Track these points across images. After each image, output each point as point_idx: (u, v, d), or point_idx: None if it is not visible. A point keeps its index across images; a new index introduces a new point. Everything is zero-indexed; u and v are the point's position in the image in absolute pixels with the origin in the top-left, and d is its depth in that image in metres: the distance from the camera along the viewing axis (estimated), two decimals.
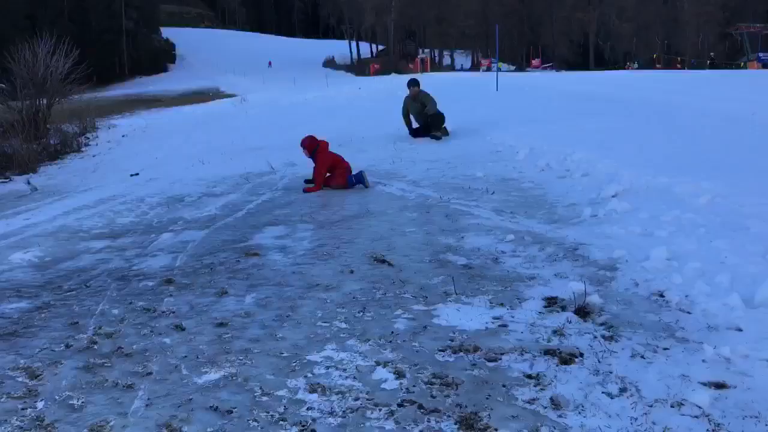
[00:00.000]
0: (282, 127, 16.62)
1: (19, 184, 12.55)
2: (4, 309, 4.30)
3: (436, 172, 8.44)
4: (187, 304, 4.15)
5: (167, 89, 49.05)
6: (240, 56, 72.84)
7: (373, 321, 3.62)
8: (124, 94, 46.71)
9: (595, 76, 33.32)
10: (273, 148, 12.96)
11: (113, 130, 20.50)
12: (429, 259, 4.71)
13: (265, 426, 2.59)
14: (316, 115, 18.11)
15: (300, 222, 6.35)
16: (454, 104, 17.17)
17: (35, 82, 18.35)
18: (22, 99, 18.16)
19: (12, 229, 7.30)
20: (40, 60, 18.54)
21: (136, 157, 14.36)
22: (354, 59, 76.55)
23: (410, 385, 2.84)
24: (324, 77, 46.37)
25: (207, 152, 13.44)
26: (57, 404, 2.92)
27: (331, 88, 29.64)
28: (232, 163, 11.61)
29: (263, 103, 26.40)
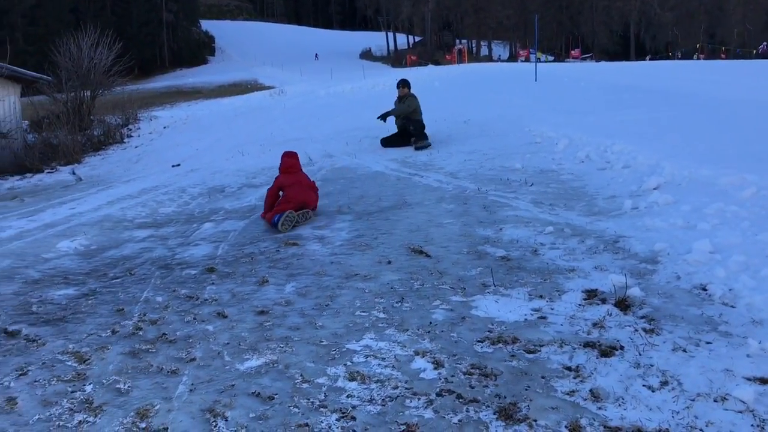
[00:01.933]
0: (319, 119, 16.69)
1: (65, 175, 12.88)
2: (53, 295, 4.44)
3: (474, 163, 8.40)
4: (229, 293, 4.23)
5: (206, 81, 49.64)
6: (278, 48, 73.34)
7: (411, 311, 3.64)
8: (165, 86, 47.42)
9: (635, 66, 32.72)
10: (310, 140, 13.04)
11: (155, 121, 20.81)
12: (467, 250, 4.70)
13: (305, 412, 2.63)
14: (352, 106, 18.12)
15: (338, 213, 6.39)
16: (492, 95, 17.07)
17: (79, 74, 18.70)
18: (67, 91, 18.54)
19: (59, 218, 7.51)
20: (84, 53, 18.89)
21: (177, 148, 14.58)
22: (391, 50, 76.42)
23: (449, 375, 2.86)
24: (361, 69, 46.36)
25: (246, 143, 13.58)
26: (104, 388, 3.01)
27: (368, 79, 29.61)
28: (270, 155, 11.70)
29: (301, 94, 26.52)
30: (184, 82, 51.56)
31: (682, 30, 69.74)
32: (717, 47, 62.59)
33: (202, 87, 45.23)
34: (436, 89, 20.34)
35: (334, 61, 60.58)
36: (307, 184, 6.42)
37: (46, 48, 21.26)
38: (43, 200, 9.37)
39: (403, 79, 11.43)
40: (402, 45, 78.72)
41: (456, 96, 17.59)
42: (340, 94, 23.57)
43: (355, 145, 11.18)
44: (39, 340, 3.64)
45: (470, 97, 16.85)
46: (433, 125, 12.20)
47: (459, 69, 33.16)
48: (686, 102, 12.16)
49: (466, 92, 18.46)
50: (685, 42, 67.21)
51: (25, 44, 47.41)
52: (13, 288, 4.68)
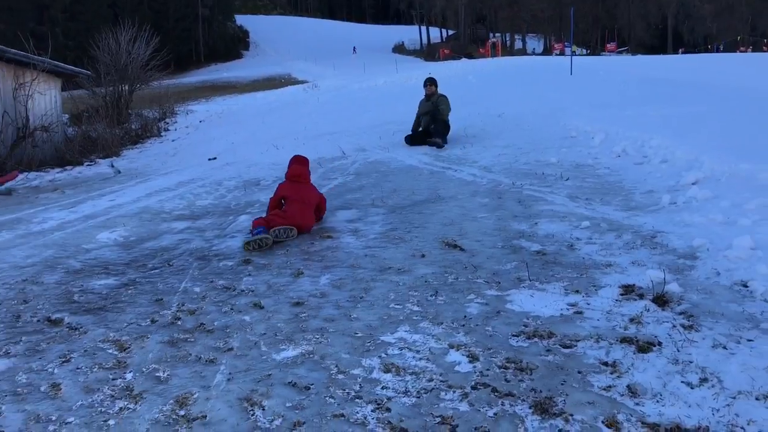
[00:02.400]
0: (353, 113, 16.73)
1: (104, 167, 13.12)
2: (94, 285, 4.54)
3: (508, 157, 8.35)
4: (265, 284, 4.28)
5: (241, 76, 50.06)
6: (311, 43, 73.65)
7: (445, 305, 3.64)
8: (201, 81, 47.97)
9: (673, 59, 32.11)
10: (344, 134, 13.09)
11: (191, 115, 21.09)
12: (501, 244, 4.69)
13: (341, 403, 2.66)
14: (385, 100, 18.12)
15: (371, 206, 6.41)
16: (526, 88, 16.92)
17: (118, 68, 19.03)
18: (105, 85, 18.88)
19: (98, 209, 7.66)
20: (122, 47, 19.21)
21: (213, 142, 14.75)
22: (424, 44, 76.14)
23: (484, 369, 2.86)
24: (394, 63, 46.30)
25: (280, 137, 13.68)
26: (144, 376, 3.08)
27: (401, 73, 29.56)
28: (304, 148, 11.75)
29: (334, 89, 26.60)
30: (218, 76, 52.07)
31: (721, 22, 68.17)
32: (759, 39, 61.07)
33: (236, 82, 45.64)
34: (470, 83, 20.22)
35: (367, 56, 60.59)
36: (310, 202, 5.66)
37: (85, 43, 21.65)
38: (84, 192, 9.57)
39: (430, 77, 11.21)
40: (435, 39, 78.39)
41: (490, 90, 17.48)
42: (373, 88, 23.58)
43: (388, 139, 11.19)
44: (81, 329, 3.73)
45: (504, 91, 16.73)
46: (466, 119, 12.15)
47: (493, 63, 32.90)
48: (726, 95, 11.90)
49: (500, 86, 18.32)
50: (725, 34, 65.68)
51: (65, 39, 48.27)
52: (55, 278, 4.80)
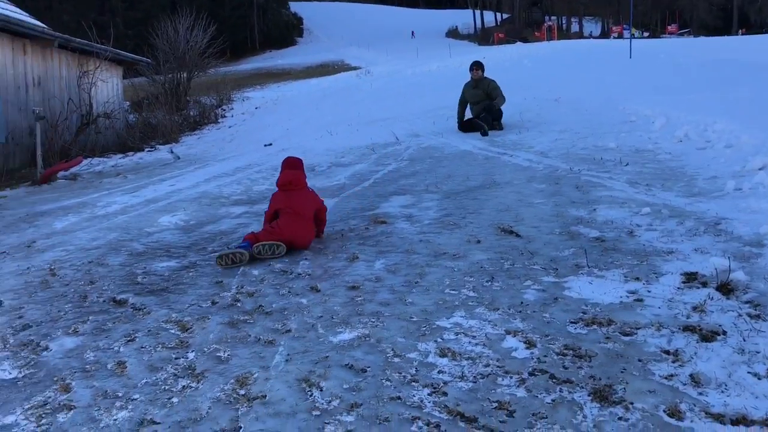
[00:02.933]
0: (406, 98, 16.72)
1: (163, 153, 13.46)
2: (156, 267, 4.68)
3: (565, 142, 8.21)
4: (321, 268, 4.33)
5: (295, 62, 50.50)
6: (364, 28, 73.65)
7: (501, 291, 3.62)
8: (256, 68, 48.58)
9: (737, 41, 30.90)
10: (397, 119, 13.10)
11: (247, 102, 21.43)
12: (559, 230, 4.62)
13: (397, 386, 2.68)
14: (438, 85, 18.03)
15: (425, 192, 6.40)
16: (583, 72, 16.57)
17: (176, 56, 19.46)
18: (164, 73, 19.33)
19: (159, 194, 7.88)
20: (180, 35, 19.62)
21: (269, 128, 14.96)
22: (477, 29, 75.22)
23: (541, 355, 2.83)
24: (447, 47, 45.95)
25: (334, 123, 13.78)
26: (206, 355, 3.16)
27: (454, 58, 29.33)
28: (358, 134, 11.84)
29: (387, 74, 26.61)
30: (273, 63, 52.64)
31: None
32: None
33: (290, 68, 46.07)
34: (525, 67, 19.93)
35: (420, 41, 60.30)
36: (304, 213, 4.84)
37: (144, 31, 22.19)
38: (145, 177, 9.85)
39: (477, 61, 10.92)
40: (489, 23, 77.35)
41: (546, 74, 17.20)
42: (426, 74, 23.49)
43: (442, 124, 11.14)
44: (144, 309, 3.85)
45: (561, 75, 16.43)
46: (522, 104, 12.00)
47: (548, 46, 32.32)
48: None
49: (557, 70, 18.00)
50: None
51: (125, 28, 49.52)
52: (119, 260, 4.97)
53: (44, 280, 4.61)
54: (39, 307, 4.09)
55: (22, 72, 12.71)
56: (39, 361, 3.29)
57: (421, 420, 2.40)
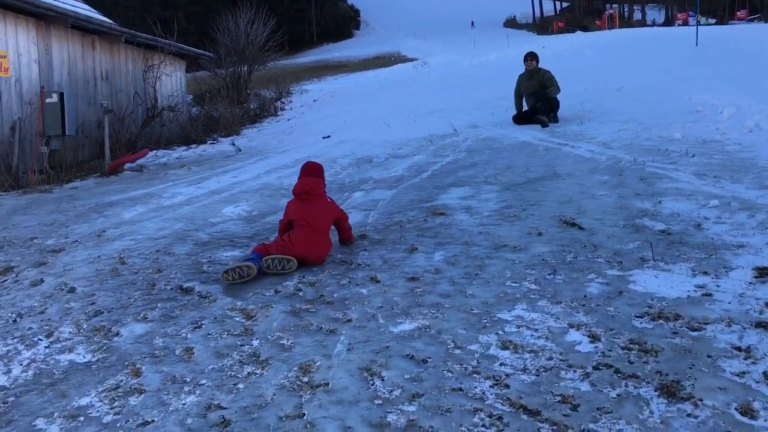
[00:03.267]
0: (464, 89, 16.60)
1: (225, 145, 13.75)
2: (221, 256, 4.79)
3: (629, 133, 8.01)
4: (380, 258, 4.35)
5: (352, 55, 50.72)
6: (420, 20, 73.36)
7: (564, 284, 3.57)
8: (313, 60, 49.02)
9: None
10: (455, 110, 13.02)
11: (305, 94, 21.64)
12: (623, 223, 4.52)
13: (459, 377, 2.68)
14: (497, 76, 17.82)
15: (484, 183, 6.35)
16: (646, 61, 16.12)
17: (237, 50, 19.79)
18: (226, 66, 19.70)
19: (222, 185, 8.06)
20: (241, 29, 19.94)
21: (327, 121, 15.08)
22: (536, 18, 73.95)
23: (606, 349, 2.79)
24: (505, 37, 45.34)
25: (391, 115, 13.79)
26: (269, 343, 3.22)
27: (512, 48, 28.93)
28: (415, 126, 11.82)
29: (444, 65, 26.46)
30: (330, 56, 53.00)
31: None
32: None
33: (347, 61, 46.28)
34: (586, 57, 19.51)
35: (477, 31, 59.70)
36: (318, 227, 4.43)
37: (206, 25, 22.65)
38: (208, 169, 10.08)
39: (532, 51, 10.79)
40: (548, 11, 75.96)
41: (607, 63, 16.80)
42: (484, 64, 23.25)
43: (501, 116, 11.01)
44: (210, 297, 3.95)
45: (623, 65, 16.03)
46: (583, 94, 11.76)
47: (610, 35, 31.52)
48: None
49: (619, 59, 17.55)
50: None
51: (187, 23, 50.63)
52: (186, 249, 5.11)
53: (114, 268, 4.78)
54: (110, 294, 4.24)
55: (91, 67, 13.16)
56: (111, 346, 3.42)
57: (483, 412, 2.40)
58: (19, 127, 10.54)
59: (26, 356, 3.44)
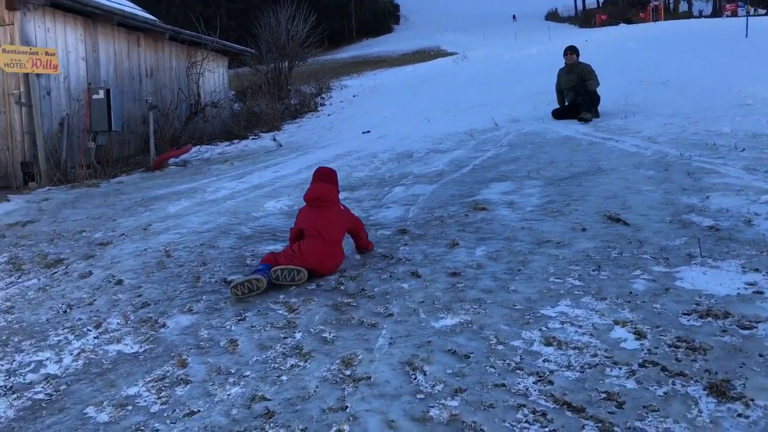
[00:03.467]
0: (504, 84, 16.45)
1: (267, 141, 13.89)
2: (264, 249, 4.85)
3: (675, 127, 7.84)
4: (421, 253, 4.35)
5: (391, 50, 50.64)
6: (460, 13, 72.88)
7: (609, 280, 3.52)
8: (352, 56, 49.10)
9: None
10: (495, 105, 12.92)
11: (345, 90, 21.71)
12: (669, 219, 4.43)
13: (502, 373, 2.66)
14: (539, 70, 17.59)
15: (527, 178, 6.29)
16: (693, 53, 15.74)
17: (278, 46, 19.95)
18: (267, 62, 19.88)
19: (264, 180, 8.15)
20: (281, 25, 20.10)
21: (366, 116, 15.11)
22: (578, 10, 72.79)
23: (652, 347, 2.74)
24: (546, 30, 44.77)
25: (431, 110, 13.75)
26: (312, 336, 3.25)
27: (554, 41, 28.52)
28: (455, 120, 11.77)
29: (484, 59, 26.24)
30: (369, 51, 53.01)
31: None
32: None
33: (386, 56, 46.24)
34: (630, 50, 19.15)
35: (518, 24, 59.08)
36: (330, 237, 4.19)
37: (247, 22, 22.87)
38: (250, 164, 10.20)
39: (571, 45, 10.67)
40: (591, 4, 74.61)
41: (652, 56, 16.45)
42: (525, 58, 23.00)
43: (543, 110, 10.88)
44: None
45: (668, 57, 15.68)
46: (627, 87, 11.56)
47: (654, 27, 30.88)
48: None
49: (664, 52, 17.18)
50: None
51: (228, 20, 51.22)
52: (229, 242, 5.18)
53: (160, 261, 4.88)
54: (156, 286, 4.33)
55: (136, 63, 13.42)
56: (157, 337, 3.50)
57: (527, 408, 2.38)
58: (67, 122, 10.82)
59: (76, 346, 3.54)
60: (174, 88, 14.73)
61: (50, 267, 5.15)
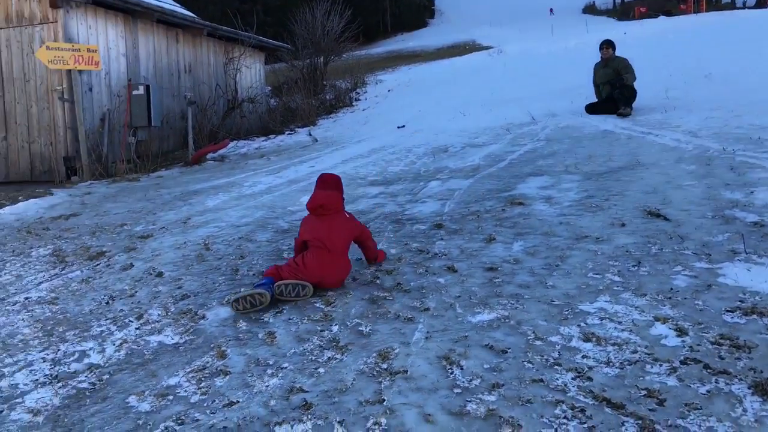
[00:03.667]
0: (541, 77, 16.28)
1: (302, 136, 13.96)
2: None
3: (717, 121, 7.66)
4: (458, 248, 4.34)
5: (426, 44, 50.43)
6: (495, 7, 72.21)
7: (649, 276, 3.46)
8: (387, 51, 49.04)
9: None
10: (532, 99, 12.79)
11: (380, 84, 21.70)
12: (711, 214, 4.34)
13: (539, 368, 2.64)
14: (576, 63, 17.34)
15: (565, 173, 6.22)
16: (737, 46, 15.36)
17: (313, 41, 20.02)
18: (302, 58, 19.97)
19: (300, 174, 8.20)
20: (317, 21, 20.17)
21: (401, 110, 15.08)
22: (617, 3, 71.57)
23: (694, 344, 2.69)
24: (584, 24, 44.12)
25: (467, 104, 13.67)
26: (348, 329, 3.27)
27: (592, 34, 28.08)
28: (491, 115, 11.69)
29: (520, 53, 25.97)
30: (404, 46, 52.84)
31: None
32: None
33: (421, 50, 46.05)
34: (670, 42, 18.79)
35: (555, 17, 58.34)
36: (335, 248, 3.93)
37: (284, 18, 23.01)
38: (286, 159, 10.28)
39: (607, 39, 10.43)
40: None
41: (693, 49, 16.11)
42: (562, 51, 22.72)
43: (581, 104, 10.73)
44: None
45: (710, 50, 15.33)
46: (667, 80, 11.34)
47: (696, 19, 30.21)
48: None
49: (706, 45, 16.80)
50: None
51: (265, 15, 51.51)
52: (266, 236, 5.23)
53: (200, 254, 4.95)
54: (195, 278, 4.40)
55: (175, 59, 13.60)
56: (197, 329, 3.55)
57: (565, 404, 2.36)
58: (108, 118, 11.04)
59: (118, 337, 3.62)
60: (212, 83, 14.90)
61: (93, 259, 5.26)
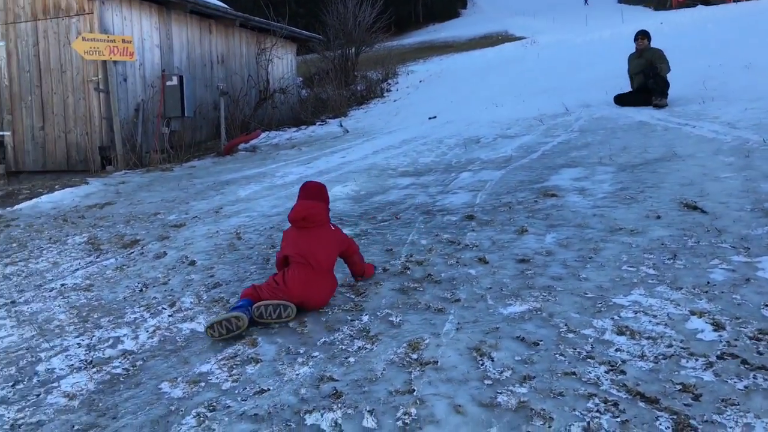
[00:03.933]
0: (575, 68, 16.03)
1: (333, 127, 13.98)
2: None
3: (758, 112, 7.47)
4: (489, 240, 4.30)
5: (457, 35, 50.01)
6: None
7: (685, 269, 3.40)
8: (418, 41, 48.76)
9: None
10: (566, 90, 12.61)
11: (411, 75, 21.59)
12: (750, 207, 4.24)
13: (572, 361, 2.61)
14: (611, 54, 17.03)
15: (598, 164, 6.13)
16: None
17: (345, 32, 20.01)
18: (334, 49, 19.97)
19: (331, 165, 8.22)
20: (349, 11, 20.13)
21: (433, 101, 15.00)
22: None
23: (731, 339, 2.63)
24: (619, 13, 43.32)
25: (499, 95, 13.55)
26: (379, 319, 3.27)
27: (628, 24, 27.57)
28: (524, 105, 11.57)
29: (554, 43, 25.60)
30: (436, 36, 52.45)
31: None
32: None
33: (453, 41, 45.67)
34: (709, 32, 18.35)
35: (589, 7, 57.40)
36: (319, 264, 3.56)
37: (316, 8, 23.01)
38: (317, 149, 10.31)
39: (643, 30, 10.26)
40: None
41: (733, 39, 15.70)
42: (597, 42, 22.34)
43: (615, 94, 10.56)
44: None
45: (751, 40, 14.92)
46: (705, 71, 11.09)
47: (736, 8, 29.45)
48: None
49: (746, 34, 16.37)
50: None
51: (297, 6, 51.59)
52: None
53: (231, 243, 5.00)
54: (227, 267, 4.44)
55: (208, 50, 13.72)
56: None
57: (598, 397, 2.33)
58: (142, 108, 11.18)
59: (152, 324, 3.67)
60: (244, 74, 15.00)
61: (127, 247, 5.35)
